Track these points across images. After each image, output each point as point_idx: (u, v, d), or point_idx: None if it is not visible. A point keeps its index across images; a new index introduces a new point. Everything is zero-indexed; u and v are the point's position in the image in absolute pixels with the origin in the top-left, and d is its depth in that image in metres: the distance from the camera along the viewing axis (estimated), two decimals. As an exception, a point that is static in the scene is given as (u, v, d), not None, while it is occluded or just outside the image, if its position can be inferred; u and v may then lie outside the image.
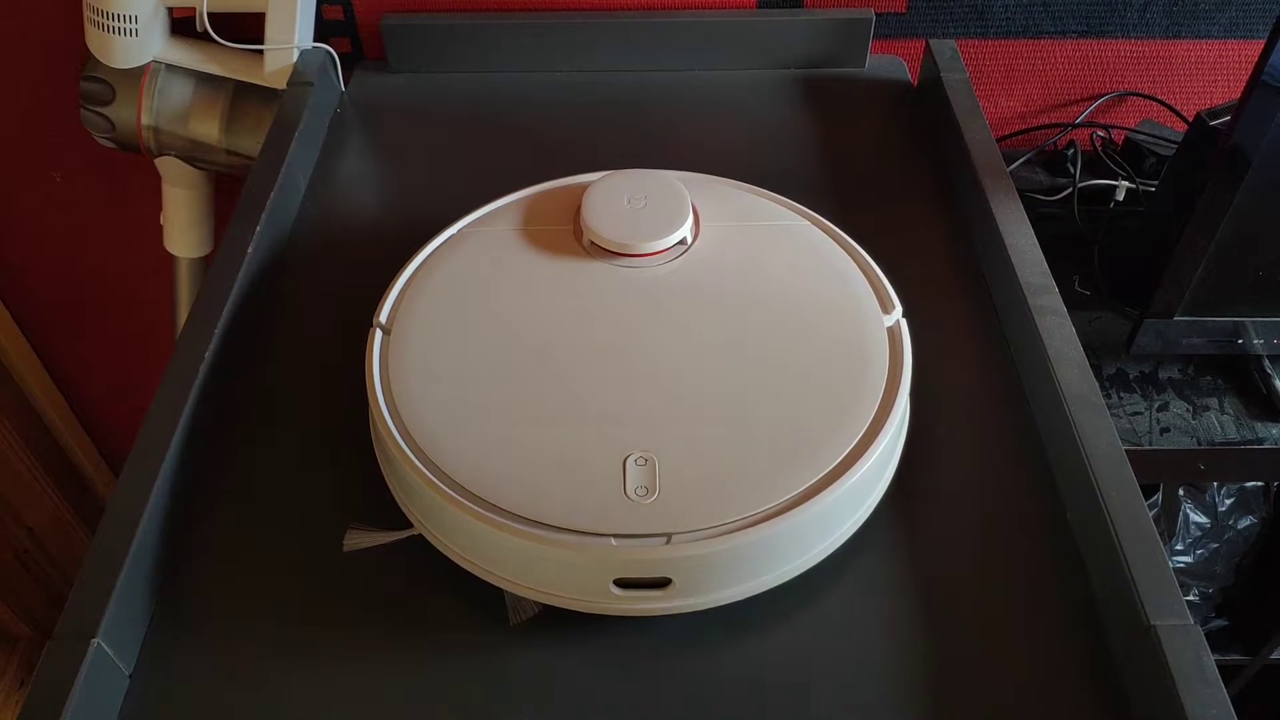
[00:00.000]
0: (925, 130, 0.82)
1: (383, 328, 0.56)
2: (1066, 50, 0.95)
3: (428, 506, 0.49)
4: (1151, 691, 0.45)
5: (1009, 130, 1.00)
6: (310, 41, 0.86)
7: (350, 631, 0.50)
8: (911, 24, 0.92)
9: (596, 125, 0.83)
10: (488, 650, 0.49)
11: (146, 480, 0.52)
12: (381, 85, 0.88)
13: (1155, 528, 0.50)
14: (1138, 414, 0.82)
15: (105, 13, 0.83)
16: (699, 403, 0.51)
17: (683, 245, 0.59)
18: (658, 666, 0.48)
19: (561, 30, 0.87)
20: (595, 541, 0.46)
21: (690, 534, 0.46)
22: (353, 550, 0.51)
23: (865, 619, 0.50)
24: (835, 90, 0.87)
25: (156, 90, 0.88)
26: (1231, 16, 0.91)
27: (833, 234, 0.61)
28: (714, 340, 0.54)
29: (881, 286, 0.58)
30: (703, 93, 0.86)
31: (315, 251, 0.72)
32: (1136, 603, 0.47)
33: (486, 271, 0.58)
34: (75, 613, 0.47)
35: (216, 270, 0.64)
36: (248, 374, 0.62)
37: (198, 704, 0.47)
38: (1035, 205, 0.91)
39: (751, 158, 0.80)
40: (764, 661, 0.49)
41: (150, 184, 0.99)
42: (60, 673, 0.44)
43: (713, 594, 0.48)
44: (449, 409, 0.51)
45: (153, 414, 0.55)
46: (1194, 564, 1.10)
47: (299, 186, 0.76)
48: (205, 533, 0.54)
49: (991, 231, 0.67)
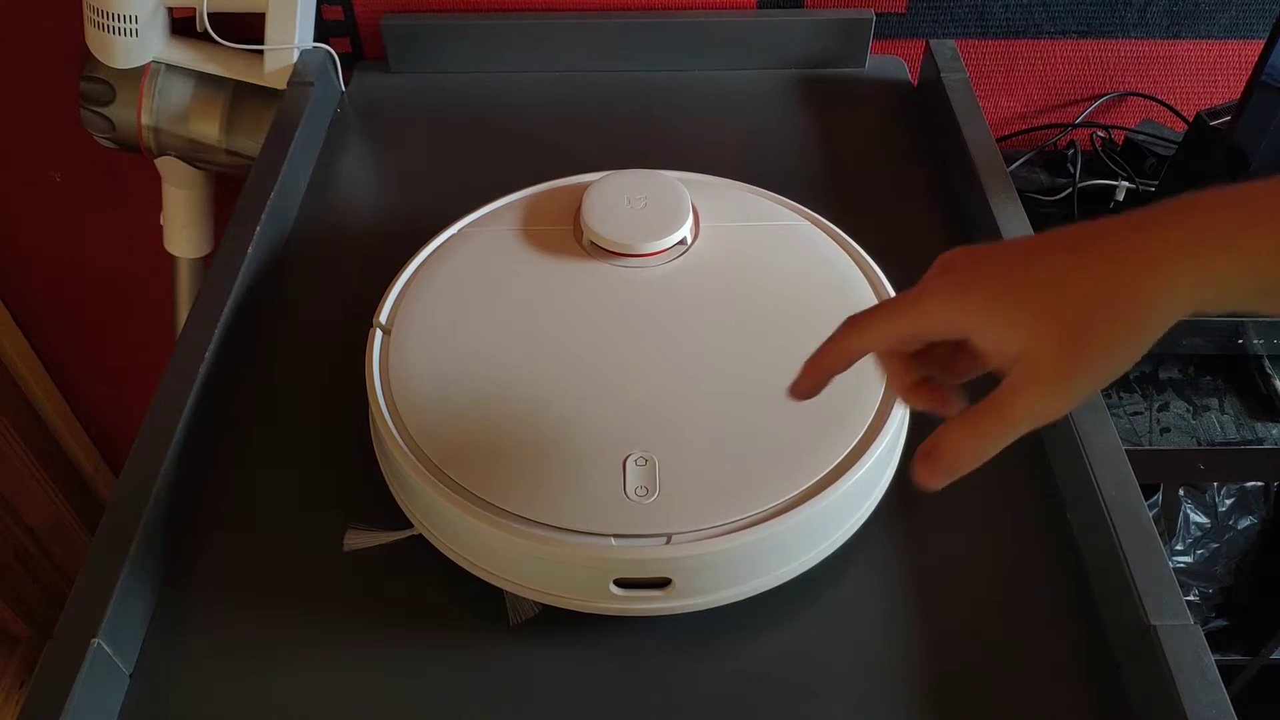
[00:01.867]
0: (925, 130, 0.82)
1: (383, 328, 0.56)
2: (1066, 50, 0.95)
3: (428, 506, 0.49)
4: (1151, 691, 0.45)
5: (1009, 130, 1.00)
6: (310, 41, 0.86)
7: (350, 631, 0.50)
8: (911, 24, 0.92)
9: (596, 125, 0.83)
10: (488, 650, 0.49)
11: (146, 480, 0.52)
12: (381, 85, 0.88)
13: (1155, 528, 0.50)
14: (1138, 414, 0.82)
15: (105, 13, 0.83)
16: (699, 403, 0.51)
17: (683, 245, 0.59)
18: (658, 666, 0.48)
19: (561, 30, 0.87)
20: (595, 541, 0.46)
21: (690, 534, 0.46)
22: (353, 550, 0.51)
23: (865, 619, 0.50)
24: (835, 90, 0.87)
25: (156, 90, 0.88)
26: (1231, 16, 0.91)
27: (833, 234, 0.61)
28: (714, 340, 0.54)
29: (881, 286, 0.58)
30: (703, 93, 0.86)
31: (315, 251, 0.72)
32: (1136, 602, 0.47)
33: (486, 271, 0.58)
34: (75, 613, 0.47)
35: (216, 270, 0.64)
36: (248, 374, 0.62)
37: (198, 704, 0.47)
38: (1035, 205, 0.91)
39: (751, 158, 0.80)
40: (764, 661, 0.49)
41: (150, 184, 0.99)
42: (60, 673, 0.44)
43: (713, 594, 0.48)
44: (449, 409, 0.51)
45: (153, 414, 0.55)
46: (1194, 564, 1.10)
47: (299, 186, 0.76)
48: (205, 532, 0.54)
49: (991, 232, 0.67)
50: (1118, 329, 0.33)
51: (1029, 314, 0.34)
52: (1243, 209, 0.32)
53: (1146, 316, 0.33)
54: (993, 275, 0.36)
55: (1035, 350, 0.34)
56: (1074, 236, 0.35)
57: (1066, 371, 0.34)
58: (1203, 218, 0.32)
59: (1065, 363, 0.34)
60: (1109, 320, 0.33)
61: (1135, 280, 0.33)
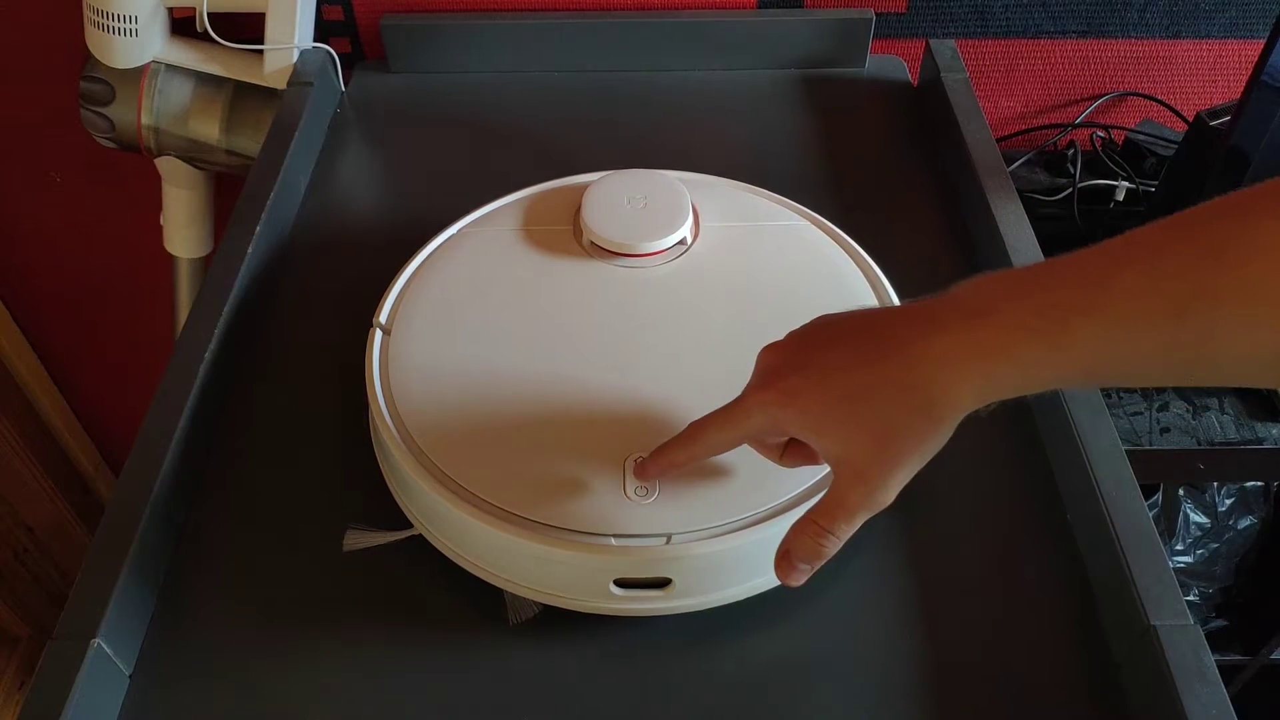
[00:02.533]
0: (925, 130, 0.82)
1: (383, 328, 0.56)
2: (1066, 50, 0.95)
3: (428, 506, 0.49)
4: (1151, 691, 0.45)
5: (1009, 130, 1.00)
6: (310, 41, 0.86)
7: (350, 631, 0.50)
8: (911, 24, 0.92)
9: (596, 125, 0.83)
10: (488, 650, 0.49)
11: (146, 480, 0.52)
12: (381, 85, 0.88)
13: (1155, 528, 0.50)
14: (1138, 414, 0.82)
15: (105, 13, 0.83)
16: (699, 403, 0.51)
17: (683, 245, 0.59)
18: (658, 666, 0.48)
19: (561, 30, 0.87)
20: (595, 541, 0.46)
21: (690, 534, 0.46)
22: (353, 550, 0.51)
23: (865, 619, 0.50)
24: (835, 90, 0.87)
25: (156, 90, 0.88)
26: (1231, 16, 0.91)
27: (833, 234, 0.61)
28: (714, 340, 0.54)
29: (881, 286, 0.58)
30: (703, 93, 0.86)
31: (315, 252, 0.72)
32: (1136, 603, 0.47)
33: (486, 271, 0.58)
34: (75, 613, 0.47)
35: (216, 270, 0.64)
36: (248, 374, 0.62)
37: (198, 704, 0.47)
38: (1035, 205, 0.91)
39: (751, 158, 0.80)
40: (764, 661, 0.49)
41: (150, 184, 0.99)
42: (60, 673, 0.44)
43: (713, 594, 0.48)
44: (449, 409, 0.51)
45: (153, 414, 0.55)
46: (1194, 564, 1.10)
47: (299, 186, 0.76)
48: (205, 533, 0.54)
49: (991, 231, 0.67)
50: (921, 430, 0.37)
51: (842, 427, 0.39)
52: (1018, 316, 0.34)
53: (943, 416, 0.37)
54: (807, 390, 0.39)
55: (853, 455, 0.39)
56: (878, 341, 0.38)
57: (884, 470, 0.38)
58: (985, 327, 0.35)
59: (881, 464, 0.38)
60: (910, 424, 0.37)
61: (929, 389, 0.36)
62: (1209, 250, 0.31)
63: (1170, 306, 0.31)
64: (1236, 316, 0.30)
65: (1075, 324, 0.33)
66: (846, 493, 0.40)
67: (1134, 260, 0.32)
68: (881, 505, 0.40)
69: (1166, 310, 0.31)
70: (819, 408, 0.39)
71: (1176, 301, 0.31)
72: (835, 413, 0.39)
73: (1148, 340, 0.32)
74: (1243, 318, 0.30)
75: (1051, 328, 0.33)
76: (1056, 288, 0.34)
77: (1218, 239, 0.31)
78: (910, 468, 0.39)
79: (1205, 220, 0.32)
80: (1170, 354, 0.32)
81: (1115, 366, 0.33)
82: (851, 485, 0.39)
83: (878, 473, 0.39)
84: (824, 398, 0.39)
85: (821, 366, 0.39)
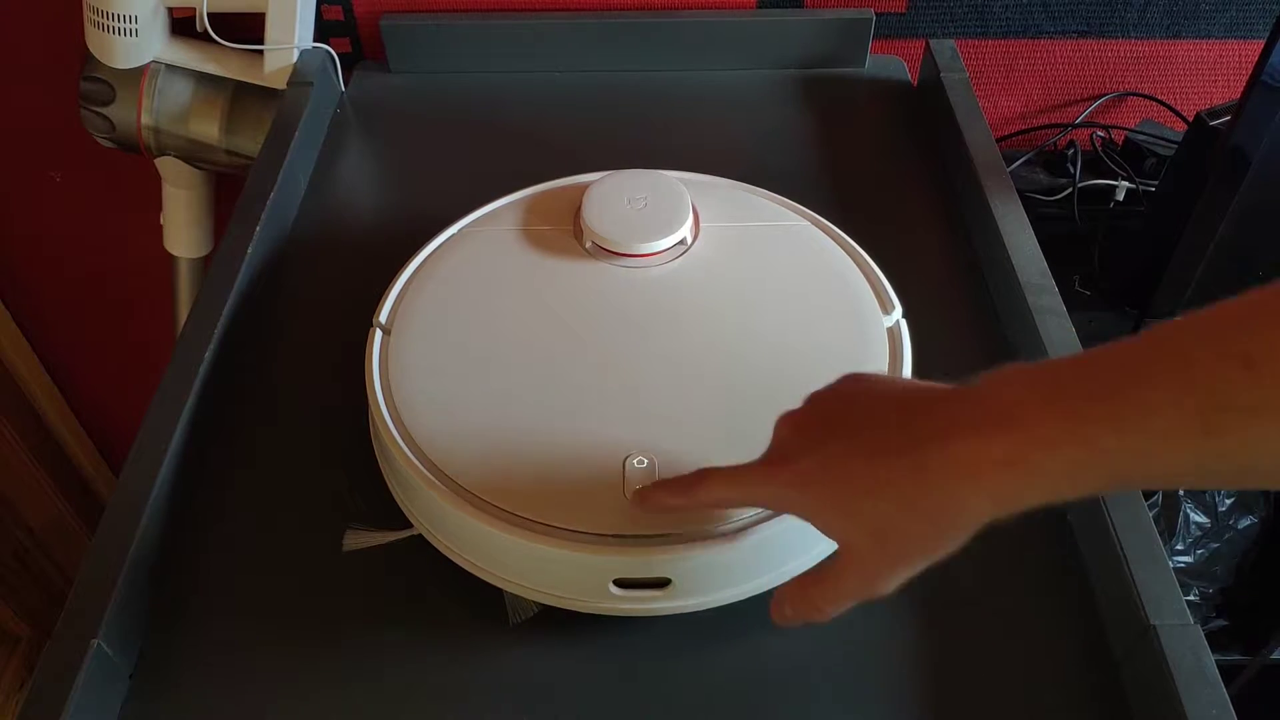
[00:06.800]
0: (925, 130, 0.82)
1: (383, 328, 0.56)
2: (1066, 50, 0.95)
3: (428, 506, 0.49)
4: (1151, 691, 0.45)
5: (1009, 130, 1.00)
6: (310, 41, 0.86)
7: (350, 631, 0.50)
8: (911, 24, 0.92)
9: (596, 125, 0.83)
10: (488, 650, 0.49)
11: (146, 480, 0.52)
12: (381, 85, 0.88)
13: (1155, 528, 0.50)
14: (1138, 414, 0.82)
15: (105, 13, 0.83)
16: (699, 403, 0.51)
17: (682, 245, 0.59)
18: (658, 666, 0.48)
19: (561, 30, 0.87)
20: (595, 541, 0.46)
21: (690, 534, 0.46)
22: (353, 550, 0.51)
23: (865, 619, 0.50)
24: (835, 90, 0.87)
25: (156, 90, 0.88)
26: (1231, 16, 0.91)
27: (833, 234, 0.61)
28: (714, 341, 0.54)
29: (881, 287, 0.58)
30: (703, 93, 0.86)
31: (315, 251, 0.72)
32: (1136, 602, 0.47)
33: (486, 271, 0.58)
34: (75, 613, 0.47)
35: (216, 270, 0.64)
36: (248, 374, 0.62)
37: (198, 704, 0.47)
38: (1035, 205, 0.91)
39: (751, 158, 0.80)
40: (764, 661, 0.49)
41: (150, 184, 0.99)
42: (60, 673, 0.44)
43: (713, 594, 0.48)
44: (449, 409, 0.51)
45: (152, 414, 0.55)
46: (1194, 564, 1.10)
47: (299, 186, 0.76)
48: (205, 533, 0.54)
49: (991, 231, 0.67)
50: (924, 536, 0.36)
51: (849, 520, 0.38)
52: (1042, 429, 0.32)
53: (953, 523, 0.35)
54: (817, 480, 0.39)
55: (855, 546, 0.38)
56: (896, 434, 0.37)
57: (886, 566, 0.38)
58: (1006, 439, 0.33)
59: (880, 562, 0.38)
60: (915, 529, 0.36)
61: (939, 496, 0.35)
62: (1241, 362, 0.29)
63: (1201, 424, 0.29)
64: (1273, 431, 0.29)
65: (1103, 440, 0.31)
66: (843, 575, 0.39)
67: (1162, 371, 0.31)
68: (876, 596, 0.39)
69: (1197, 428, 0.30)
70: (827, 496, 0.38)
71: (1207, 418, 0.29)
72: (843, 505, 0.38)
73: (1180, 453, 0.30)
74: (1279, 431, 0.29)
75: (1076, 443, 0.31)
76: (1083, 399, 0.32)
77: (1250, 349, 0.29)
78: (912, 568, 0.38)
79: (1236, 325, 0.30)
80: (1204, 464, 0.31)
81: (1148, 478, 0.33)
82: (850, 571, 0.39)
83: (876, 569, 0.38)
84: (833, 488, 0.38)
85: (835, 453, 0.38)
